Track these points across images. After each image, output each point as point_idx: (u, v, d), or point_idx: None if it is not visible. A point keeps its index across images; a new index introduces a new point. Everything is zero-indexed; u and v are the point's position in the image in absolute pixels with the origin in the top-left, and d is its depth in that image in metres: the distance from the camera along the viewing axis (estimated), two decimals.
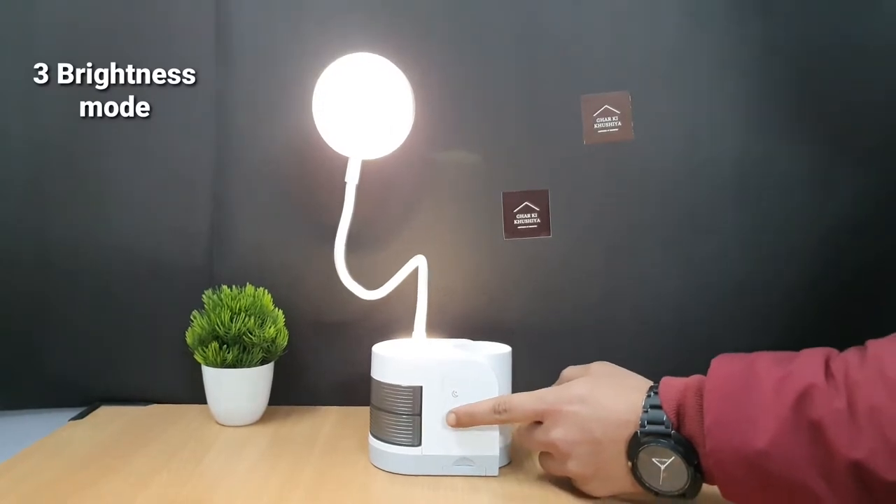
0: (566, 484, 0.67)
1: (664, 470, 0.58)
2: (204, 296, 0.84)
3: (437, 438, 0.69)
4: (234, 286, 0.85)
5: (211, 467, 0.71)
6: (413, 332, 0.78)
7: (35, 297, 0.90)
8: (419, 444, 0.69)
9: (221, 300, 0.83)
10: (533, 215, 0.89)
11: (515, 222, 0.90)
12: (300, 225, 0.89)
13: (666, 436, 0.58)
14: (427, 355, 0.72)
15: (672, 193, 0.87)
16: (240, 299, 0.83)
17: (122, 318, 0.90)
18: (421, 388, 0.69)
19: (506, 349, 0.73)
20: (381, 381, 0.71)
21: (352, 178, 0.79)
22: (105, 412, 0.89)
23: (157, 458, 0.73)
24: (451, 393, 0.69)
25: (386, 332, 0.81)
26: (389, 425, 0.70)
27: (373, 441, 0.72)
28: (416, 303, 0.78)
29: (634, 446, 0.59)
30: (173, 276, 0.90)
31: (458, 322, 0.86)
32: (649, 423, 0.59)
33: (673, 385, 0.60)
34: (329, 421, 0.86)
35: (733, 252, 0.86)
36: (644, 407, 0.60)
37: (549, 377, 0.76)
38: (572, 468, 0.63)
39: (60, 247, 0.90)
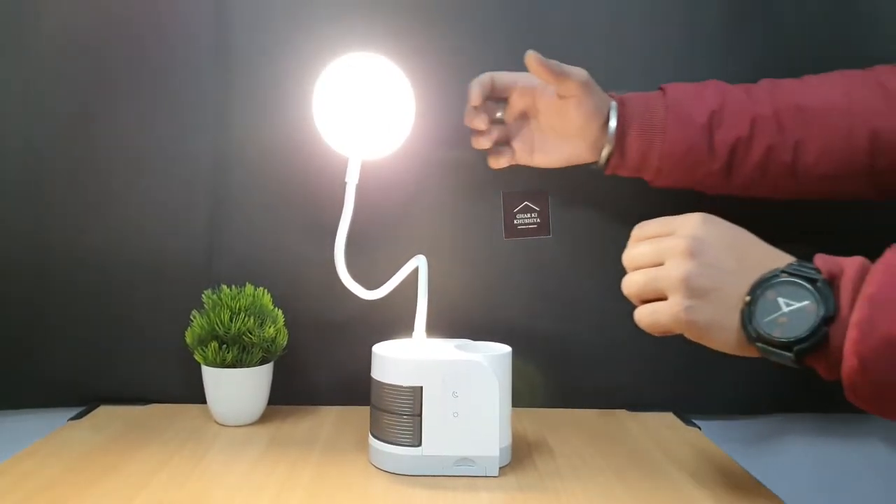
0: (567, 485, 0.67)
1: (784, 314, 0.52)
2: (203, 295, 0.84)
3: (438, 439, 0.69)
4: (233, 286, 0.85)
5: (210, 467, 0.71)
6: (413, 332, 0.77)
7: (33, 297, 0.90)
8: (419, 444, 0.69)
9: (221, 300, 0.83)
10: (533, 215, 0.89)
11: (515, 222, 0.89)
12: (300, 224, 0.89)
13: (812, 280, 0.52)
14: (427, 355, 0.71)
15: (672, 192, 0.86)
16: (239, 299, 0.83)
17: (121, 317, 0.90)
18: (421, 388, 0.69)
19: (506, 349, 0.73)
20: (382, 381, 0.71)
21: (352, 178, 0.78)
22: (104, 412, 0.89)
23: (156, 458, 0.73)
24: (452, 393, 0.69)
25: (386, 332, 0.81)
26: (389, 425, 0.70)
27: (373, 441, 0.72)
28: (416, 303, 0.77)
29: (765, 280, 0.53)
30: (173, 276, 0.90)
31: (458, 322, 0.85)
32: (797, 268, 0.53)
33: (829, 257, 0.54)
34: (329, 421, 0.85)
35: None
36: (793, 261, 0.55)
37: (549, 376, 0.76)
38: (672, 273, 0.56)
39: (59, 246, 0.89)
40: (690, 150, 0.75)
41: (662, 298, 0.58)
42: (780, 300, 0.52)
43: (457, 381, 0.69)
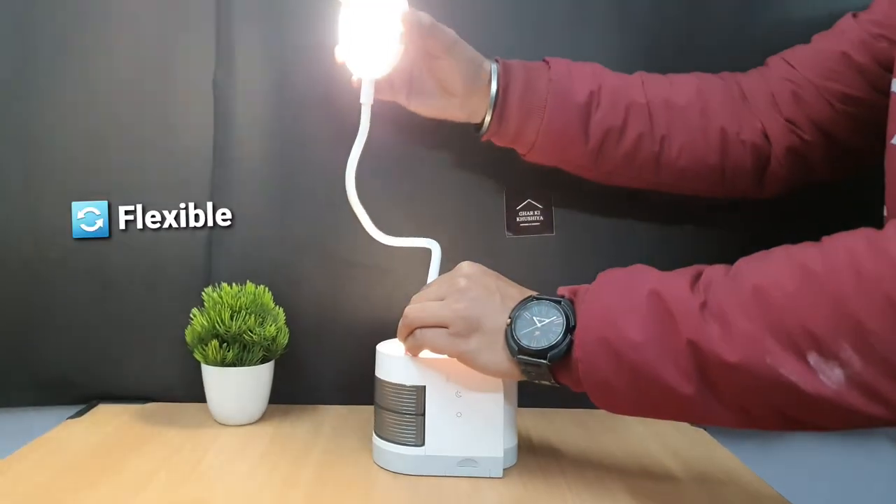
0: (572, 488, 0.66)
1: (538, 328, 0.61)
2: (204, 293, 0.83)
3: (441, 439, 0.68)
4: (234, 283, 0.84)
5: (210, 467, 0.70)
6: None
7: (32, 293, 0.89)
8: (422, 444, 0.68)
9: (221, 298, 0.81)
10: (536, 213, 0.88)
11: (518, 219, 0.88)
12: (301, 222, 0.88)
13: (557, 301, 0.62)
14: (431, 354, 0.70)
15: (675, 196, 0.85)
16: (240, 297, 0.82)
17: (120, 314, 0.89)
18: (424, 387, 0.68)
19: None
20: (385, 380, 0.70)
21: (367, 99, 0.77)
22: (103, 410, 0.88)
23: (156, 458, 0.72)
24: (455, 393, 0.68)
25: (389, 331, 0.80)
26: (393, 425, 0.69)
27: (376, 440, 0.71)
28: None
29: (521, 305, 0.63)
30: (173, 274, 0.89)
31: None
32: (545, 295, 0.64)
33: (569, 287, 0.64)
34: (330, 420, 0.84)
35: (742, 251, 0.85)
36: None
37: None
38: (449, 305, 0.65)
39: (57, 242, 0.89)
40: (567, 129, 0.76)
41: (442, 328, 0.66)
42: (535, 318, 0.62)
43: (461, 380, 0.68)
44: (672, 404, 0.56)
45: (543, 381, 0.62)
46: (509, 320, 0.63)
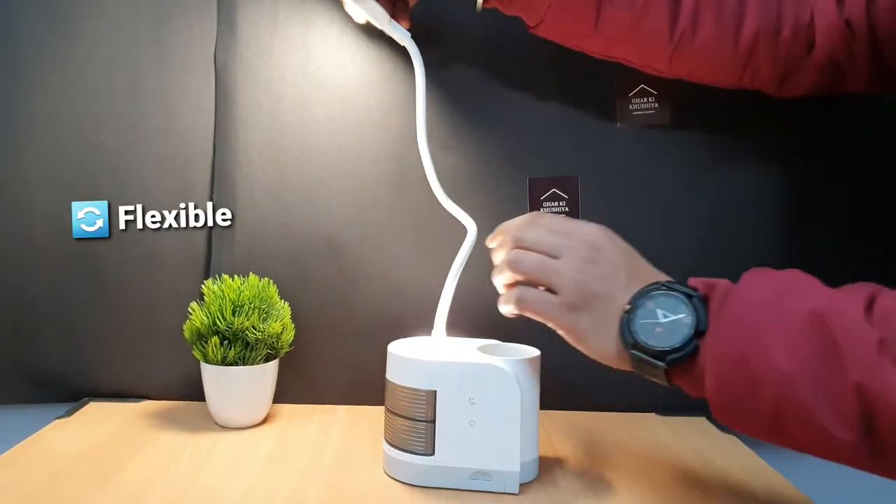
0: None
1: (661, 324, 0.53)
2: (204, 286, 0.79)
3: (452, 448, 0.63)
4: (236, 276, 0.79)
5: (211, 476, 0.66)
6: (433, 329, 0.71)
7: (32, 294, 0.87)
8: (432, 453, 0.63)
9: (223, 291, 0.77)
10: (561, 203, 0.83)
11: (542, 210, 0.83)
12: (307, 211, 0.84)
13: (689, 296, 0.53)
14: (442, 357, 0.65)
15: (711, 181, 0.81)
16: (243, 290, 0.77)
17: (120, 314, 0.87)
18: (435, 392, 0.63)
19: (534, 353, 0.66)
20: (395, 382, 0.65)
21: (404, 39, 0.75)
22: (94, 409, 0.84)
23: (152, 466, 0.68)
24: (468, 400, 0.63)
25: (398, 328, 0.75)
26: (402, 431, 0.65)
27: (386, 447, 0.67)
28: (435, 298, 0.71)
29: (645, 292, 0.54)
30: (173, 274, 0.86)
31: (485, 321, 0.76)
32: (676, 284, 0.54)
33: (702, 279, 0.55)
34: (339, 422, 0.80)
35: (772, 242, 0.80)
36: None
37: (580, 383, 0.70)
38: (568, 271, 0.56)
39: (57, 242, 0.86)
40: (577, 15, 0.68)
41: (546, 289, 0.58)
42: (658, 311, 0.53)
43: (474, 386, 0.62)
44: (821, 446, 0.47)
45: (655, 380, 0.54)
46: (629, 306, 0.54)
